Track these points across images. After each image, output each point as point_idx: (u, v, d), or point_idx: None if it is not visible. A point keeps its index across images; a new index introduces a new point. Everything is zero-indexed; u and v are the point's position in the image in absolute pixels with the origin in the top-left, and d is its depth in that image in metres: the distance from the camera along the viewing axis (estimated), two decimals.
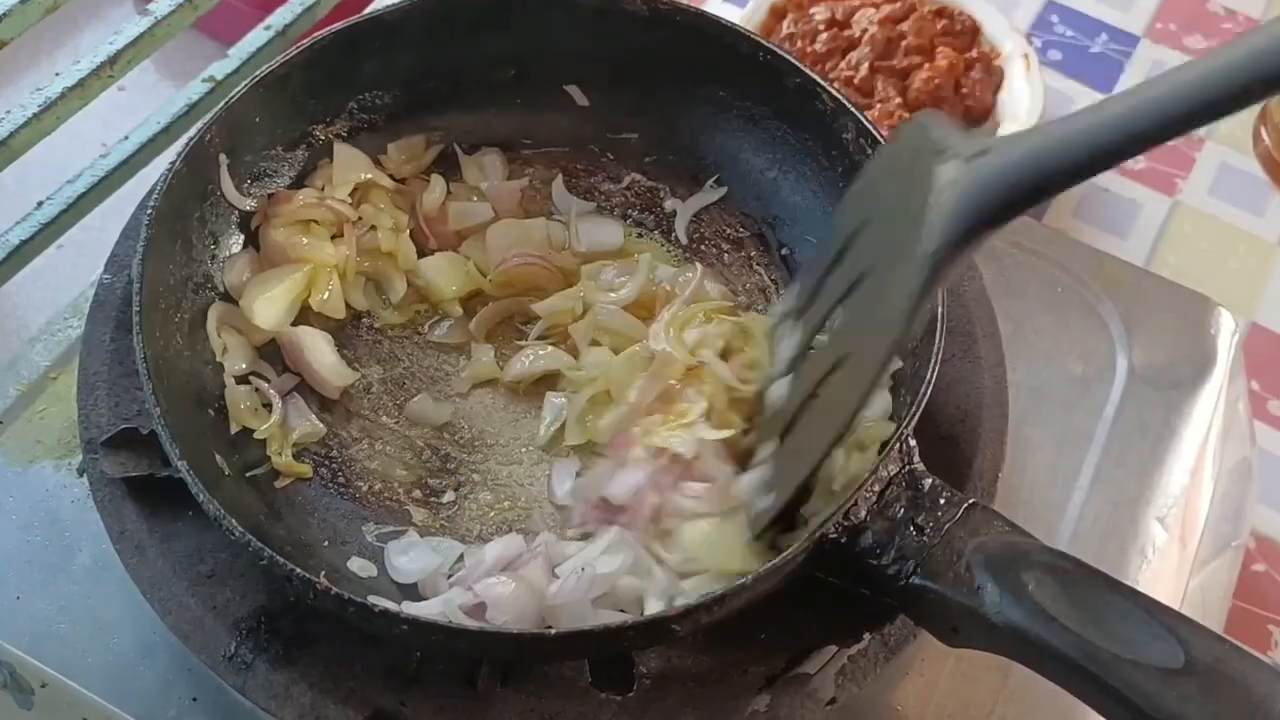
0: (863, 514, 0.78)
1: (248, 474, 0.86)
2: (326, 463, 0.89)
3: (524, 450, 0.92)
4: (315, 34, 0.95)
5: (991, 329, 0.94)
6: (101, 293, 0.91)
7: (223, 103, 0.91)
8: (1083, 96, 1.52)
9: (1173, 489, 0.99)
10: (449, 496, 0.89)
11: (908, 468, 0.80)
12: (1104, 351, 1.05)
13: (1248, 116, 1.49)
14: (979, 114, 1.38)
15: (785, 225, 1.02)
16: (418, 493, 0.89)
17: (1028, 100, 1.35)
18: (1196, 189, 1.45)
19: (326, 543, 0.85)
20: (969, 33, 1.41)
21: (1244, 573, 1.15)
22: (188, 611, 0.79)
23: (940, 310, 0.84)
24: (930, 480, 0.80)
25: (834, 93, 0.95)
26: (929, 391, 0.81)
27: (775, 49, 0.97)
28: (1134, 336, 1.06)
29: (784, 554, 0.75)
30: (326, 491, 0.88)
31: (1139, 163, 1.47)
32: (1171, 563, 0.99)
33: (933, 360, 0.82)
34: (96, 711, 0.78)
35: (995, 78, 1.39)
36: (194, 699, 0.84)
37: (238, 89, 0.91)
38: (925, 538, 0.77)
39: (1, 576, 0.87)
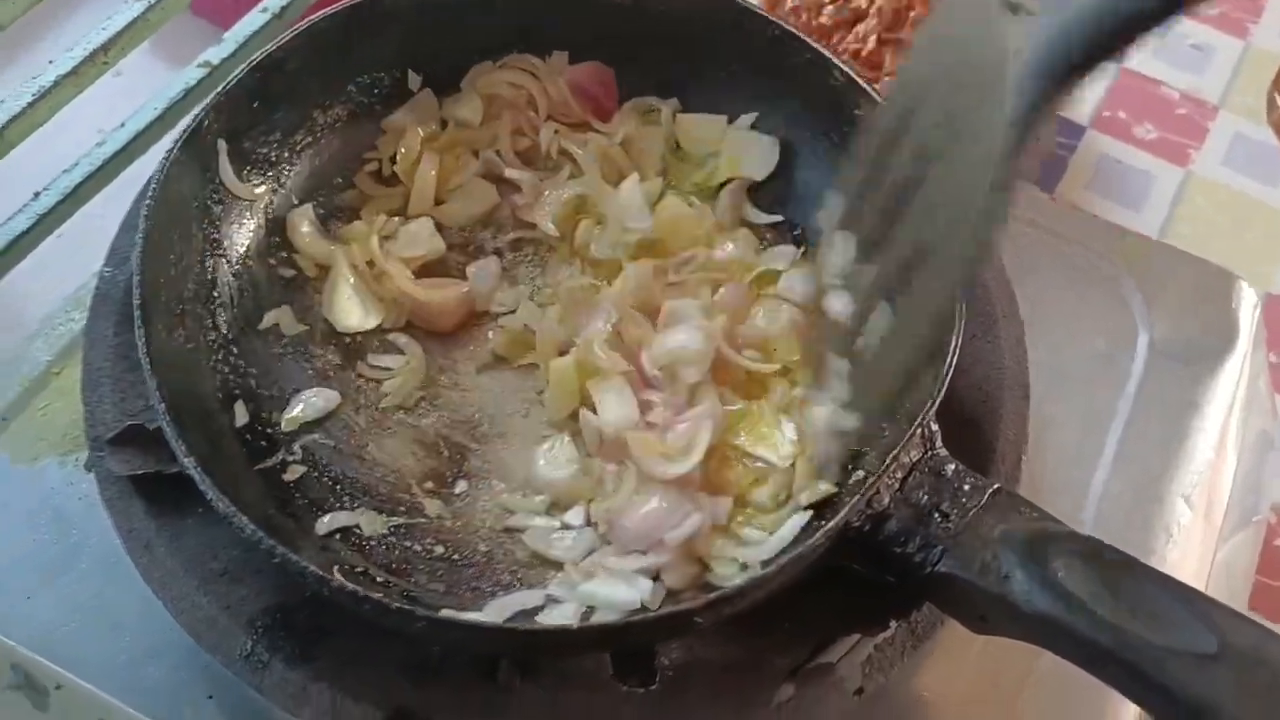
0: (886, 501, 0.77)
1: (256, 467, 0.84)
2: (335, 455, 0.87)
3: (537, 436, 0.90)
4: (312, 16, 0.93)
5: (1011, 308, 0.93)
6: (103, 286, 0.89)
7: (220, 88, 0.88)
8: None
9: (1197, 465, 0.98)
10: (461, 487, 0.87)
11: (930, 453, 0.79)
12: (1124, 327, 1.04)
13: (1265, 82, 1.47)
14: None
15: (795, 203, 1.00)
16: (430, 484, 0.87)
17: None
18: (1210, 159, 1.43)
19: (339, 535, 0.83)
20: None
21: (1266, 548, 1.14)
22: (200, 610, 0.78)
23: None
24: (954, 465, 0.78)
25: (844, 68, 0.93)
26: (951, 374, 0.79)
27: (784, 25, 0.95)
28: (1154, 311, 1.04)
29: (809, 542, 0.74)
30: (337, 484, 0.86)
31: (1151, 133, 1.45)
32: (1196, 540, 0.98)
33: (954, 341, 0.80)
34: (114, 712, 0.76)
35: None
36: (209, 697, 0.83)
37: (234, 74, 0.89)
38: (950, 524, 0.75)
39: (11, 577, 0.86)
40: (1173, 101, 1.47)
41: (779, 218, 0.99)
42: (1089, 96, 1.47)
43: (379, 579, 0.80)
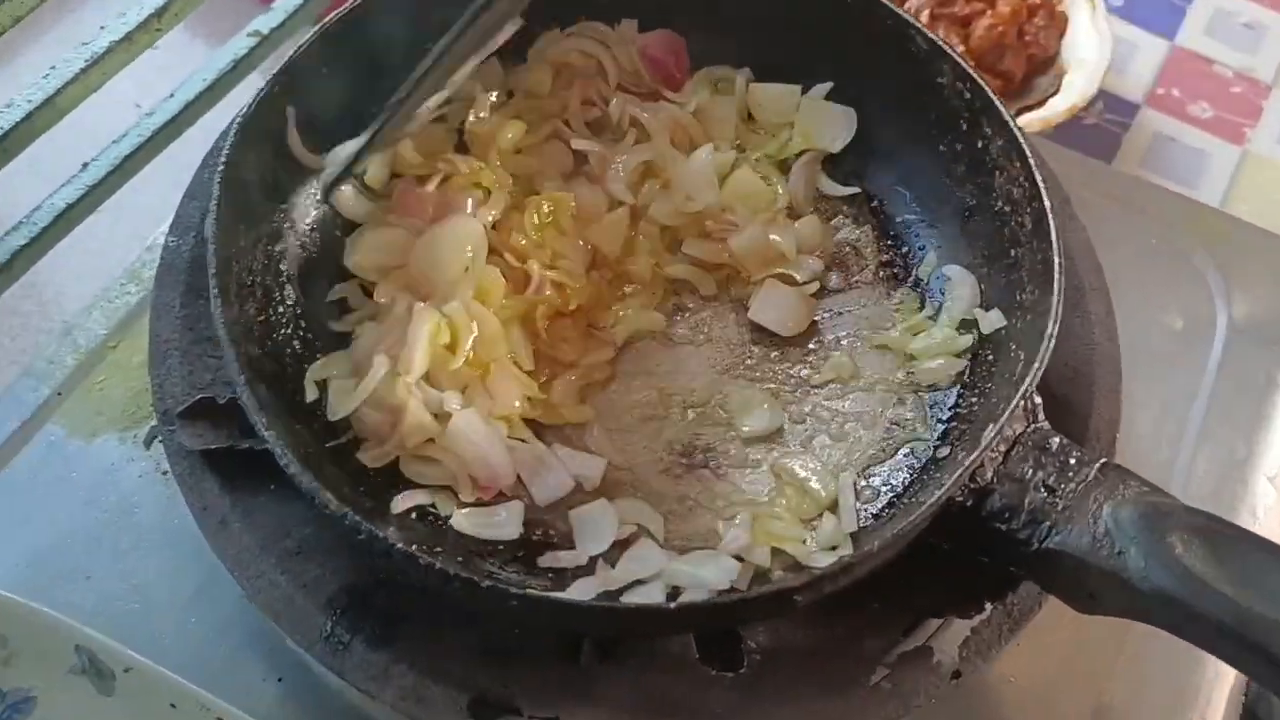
0: (989, 475, 0.74)
1: (328, 445, 0.82)
2: None
3: (619, 410, 0.87)
4: None
5: (1099, 281, 0.90)
6: (168, 256, 0.86)
7: (292, 53, 0.86)
8: (1145, 43, 1.47)
9: None
10: None
11: (1034, 426, 0.76)
12: (1202, 305, 1.02)
13: None
14: (1043, 61, 1.34)
15: (872, 175, 0.97)
16: None
17: (1095, 47, 1.31)
18: (1265, 137, 1.40)
19: (414, 515, 0.80)
20: None
21: None
22: (278, 589, 0.75)
23: (1057, 259, 0.80)
24: (1058, 439, 0.76)
25: (927, 34, 0.90)
26: (1052, 344, 0.76)
27: None
28: (1233, 289, 1.02)
29: (910, 518, 0.71)
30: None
31: (1206, 111, 1.42)
32: (1276, 522, 0.95)
33: (1054, 311, 0.78)
34: (186, 696, 0.73)
35: (1059, 24, 1.34)
36: (280, 679, 0.80)
37: (305, 39, 0.86)
38: (1058, 499, 0.73)
39: (70, 555, 0.84)
40: (1227, 80, 1.45)
41: (855, 190, 0.96)
42: (1141, 73, 1.44)
43: (459, 558, 0.78)
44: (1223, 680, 0.86)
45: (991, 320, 0.86)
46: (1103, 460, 0.74)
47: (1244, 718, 0.86)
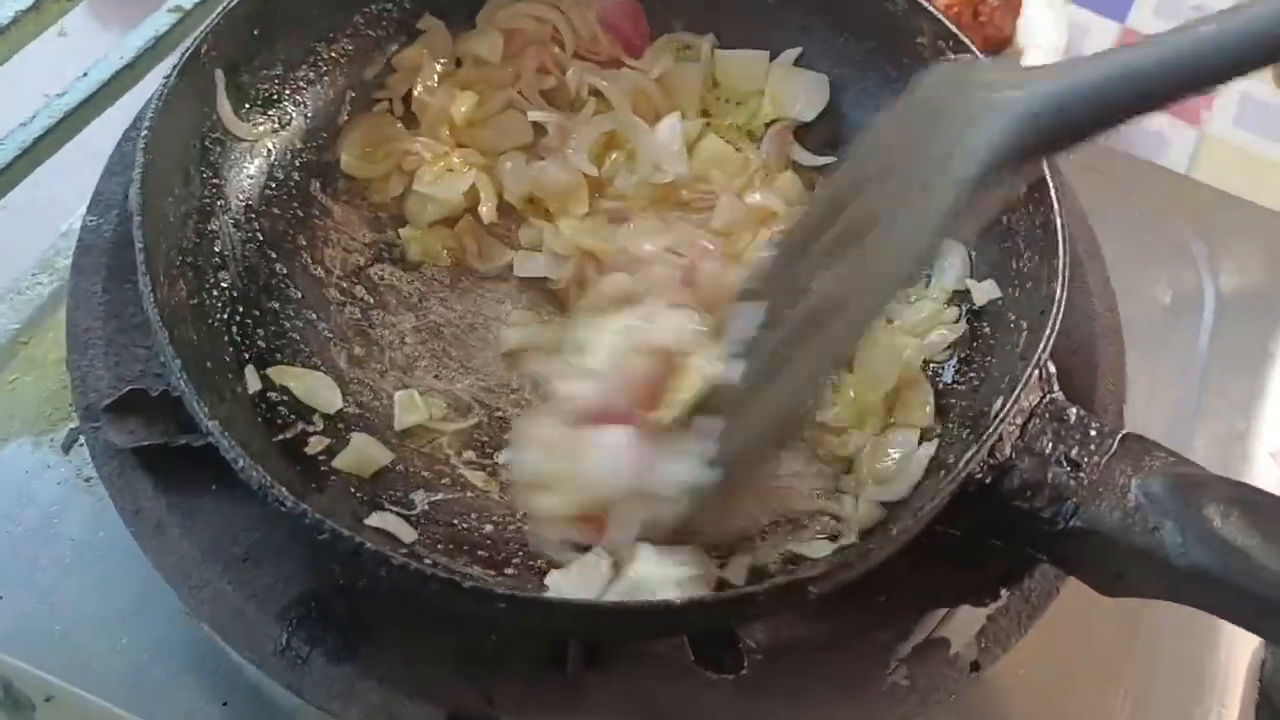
0: (1008, 451, 0.69)
1: (275, 439, 0.74)
2: (363, 425, 0.77)
3: None
4: None
5: (1094, 249, 0.86)
6: (87, 236, 0.77)
7: (217, 11, 0.78)
8: (1096, 26, 1.44)
9: None
10: (505, 457, 0.77)
11: (1049, 397, 0.71)
12: (1190, 278, 0.98)
13: None
14: (998, 42, 1.30)
15: (847, 144, 0.91)
16: (470, 454, 0.77)
17: (1051, 28, 1.27)
18: (1221, 119, 1.38)
19: (373, 515, 0.73)
20: None
21: None
22: (224, 601, 0.67)
23: (1059, 219, 0.75)
24: (1075, 410, 0.71)
25: None
26: (1062, 307, 0.71)
27: None
28: (1219, 262, 0.98)
29: (932, 499, 0.65)
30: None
31: None
32: None
33: (1061, 274, 0.73)
34: None
35: (1014, 6, 1.31)
36: (224, 703, 0.72)
37: None
38: (1082, 474, 0.68)
39: None
40: None
41: (830, 159, 0.91)
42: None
43: (427, 559, 0.70)
44: (1237, 661, 0.82)
45: (985, 290, 0.81)
46: (1125, 431, 0.69)
47: (1260, 699, 0.81)
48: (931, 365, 0.81)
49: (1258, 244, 0.99)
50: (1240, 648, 0.81)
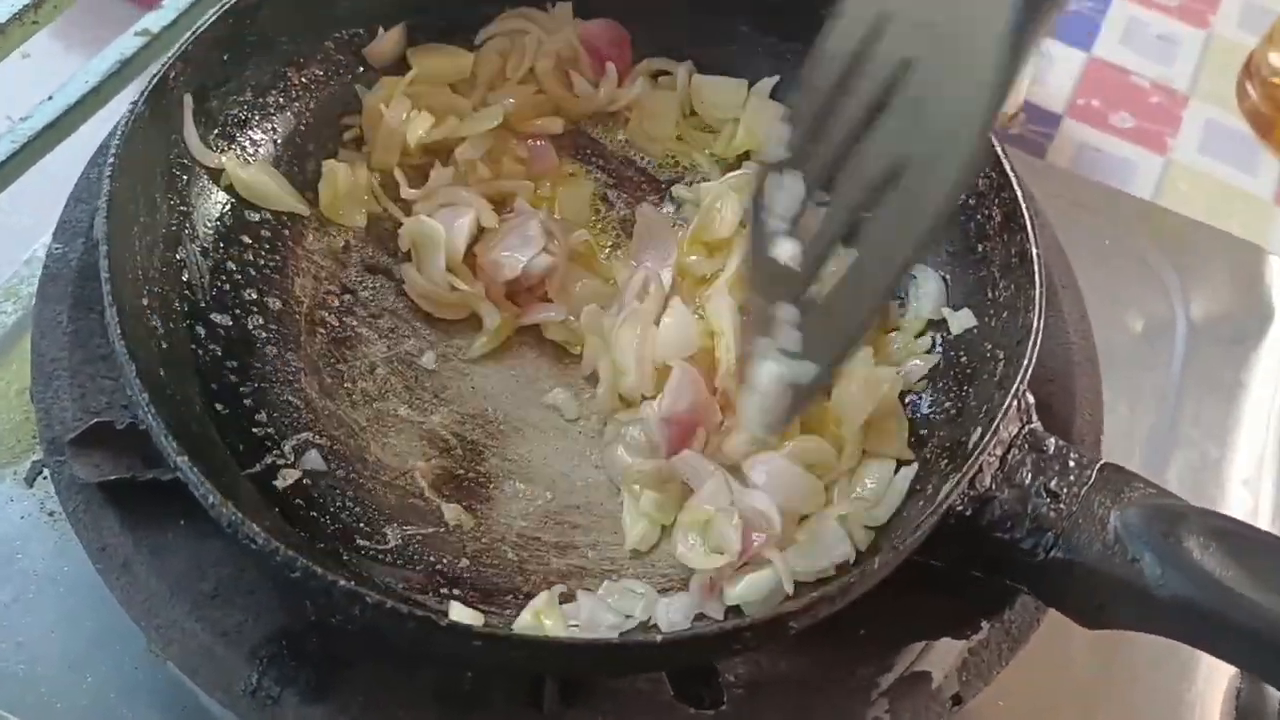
0: (988, 482, 0.68)
1: (245, 473, 0.72)
2: (335, 458, 0.75)
3: (553, 431, 0.80)
4: None
5: (1069, 278, 0.86)
6: (52, 265, 0.76)
7: (188, 34, 0.77)
8: (1063, 56, 1.45)
9: (1254, 449, 0.92)
10: (481, 490, 0.76)
11: (1028, 427, 0.71)
12: (1161, 306, 0.98)
13: (1229, 71, 1.45)
14: None
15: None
16: (446, 488, 0.76)
17: None
18: (1187, 146, 1.39)
19: (345, 554, 0.71)
20: None
21: None
22: (193, 640, 0.65)
23: (1034, 249, 0.75)
24: (1053, 440, 0.70)
25: None
26: (1039, 337, 0.71)
27: None
28: (1190, 289, 0.99)
29: (913, 529, 0.65)
30: (337, 490, 0.74)
31: (1127, 121, 1.41)
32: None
33: (1038, 304, 0.72)
34: None
35: None
36: None
37: (203, 20, 0.78)
38: (1062, 505, 0.67)
39: None
40: (1145, 90, 1.44)
41: None
42: (1061, 84, 1.42)
43: (401, 597, 0.69)
44: (1214, 691, 0.82)
45: (961, 320, 0.81)
46: (1103, 461, 0.69)
47: None
48: (908, 395, 0.80)
49: (1227, 271, 1.00)
50: (1217, 678, 0.81)
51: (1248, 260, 1.01)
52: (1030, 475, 0.69)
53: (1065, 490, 0.68)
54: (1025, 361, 0.70)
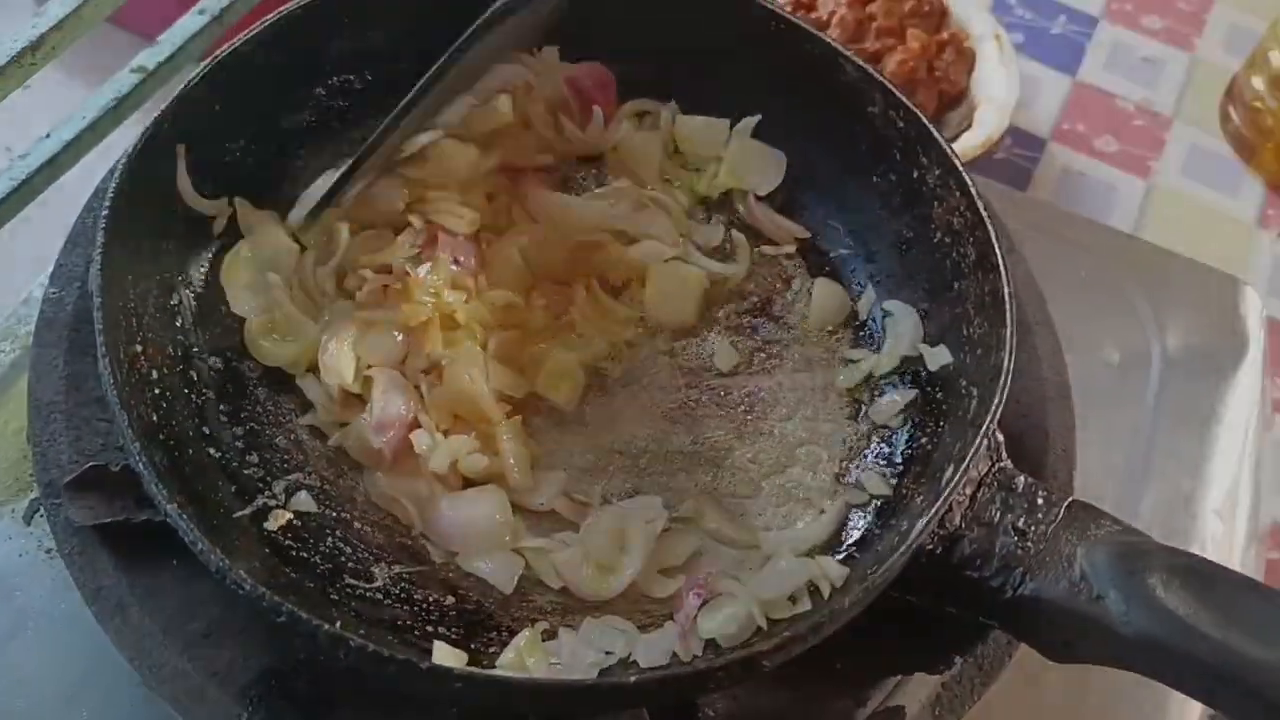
0: (958, 520, 0.70)
1: (235, 514, 0.74)
2: (325, 498, 0.77)
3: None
4: (281, 8, 0.83)
5: (1043, 315, 0.87)
6: (48, 309, 0.78)
7: (184, 84, 0.78)
8: (1048, 79, 1.48)
9: (1226, 479, 0.94)
10: None
11: (998, 465, 0.73)
12: (1136, 338, 1.00)
13: (1213, 93, 1.47)
14: (952, 97, 1.32)
15: (801, 211, 0.93)
16: None
17: (1004, 81, 1.30)
18: (1170, 170, 1.41)
19: (334, 594, 0.73)
20: (937, 14, 1.35)
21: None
22: (185, 679, 0.67)
23: (1007, 289, 0.77)
24: (1023, 478, 0.72)
25: (858, 61, 0.87)
26: (1009, 377, 0.73)
27: (789, 16, 0.89)
28: (1164, 320, 1.01)
29: (883, 568, 0.67)
30: (326, 530, 0.76)
31: (1111, 145, 1.43)
32: (1223, 556, 0.93)
33: (1008, 344, 0.74)
34: None
35: (967, 59, 1.33)
36: None
37: (198, 70, 0.79)
38: (1030, 543, 0.69)
39: None
40: (1129, 114, 1.46)
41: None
42: (1047, 108, 1.44)
43: (388, 636, 0.71)
44: None
45: (937, 356, 0.83)
46: (1071, 499, 0.71)
47: None
48: (885, 429, 0.82)
49: (1201, 303, 1.02)
50: (1189, 711, 0.83)
51: (1223, 291, 1.03)
52: (999, 513, 0.70)
53: (1033, 528, 0.69)
54: (995, 400, 0.72)
